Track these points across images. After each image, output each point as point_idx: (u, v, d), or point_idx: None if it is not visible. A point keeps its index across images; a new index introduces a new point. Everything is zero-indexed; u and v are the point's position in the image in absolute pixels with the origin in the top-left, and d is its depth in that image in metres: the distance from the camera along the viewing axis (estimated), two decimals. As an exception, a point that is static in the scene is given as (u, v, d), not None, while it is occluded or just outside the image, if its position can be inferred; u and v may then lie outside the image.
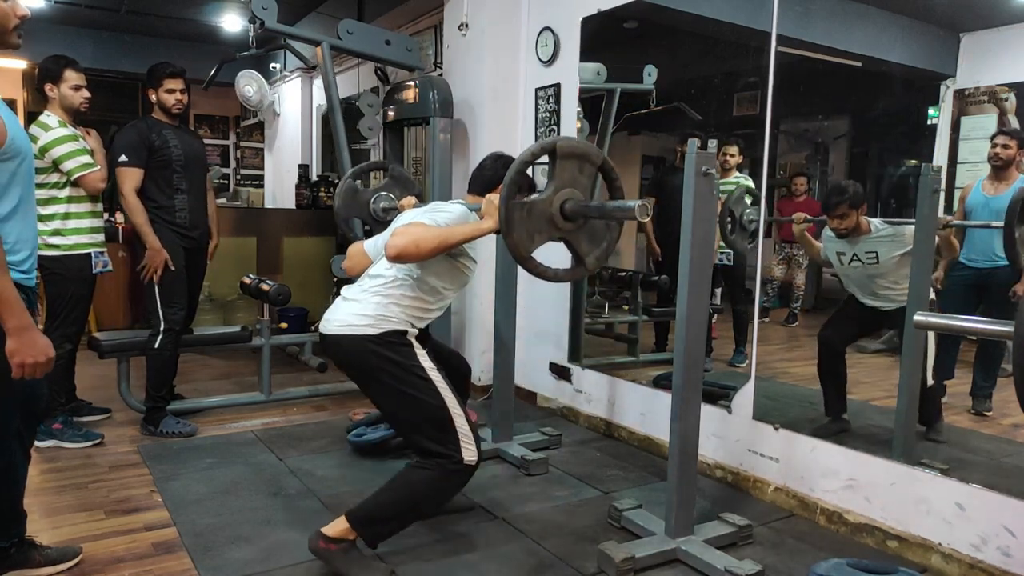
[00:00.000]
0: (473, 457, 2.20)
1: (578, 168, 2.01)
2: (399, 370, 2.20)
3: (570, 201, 1.98)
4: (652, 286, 4.63)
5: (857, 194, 3.11)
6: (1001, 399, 3.17)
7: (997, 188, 3.03)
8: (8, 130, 1.83)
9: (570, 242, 2.07)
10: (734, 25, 3.54)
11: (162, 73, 3.52)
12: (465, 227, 2.17)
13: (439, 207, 2.36)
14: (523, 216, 1.93)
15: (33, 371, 1.81)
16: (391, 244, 2.11)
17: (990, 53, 3.08)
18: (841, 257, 3.21)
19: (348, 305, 2.29)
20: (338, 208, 3.19)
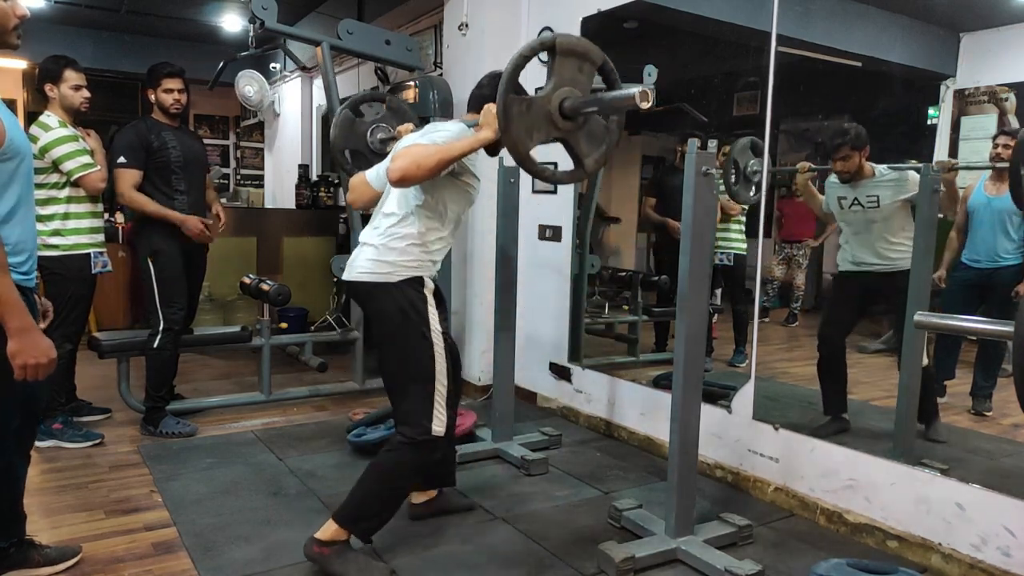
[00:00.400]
0: (441, 428, 2.25)
1: (578, 67, 1.97)
2: (407, 320, 2.24)
3: (569, 99, 1.94)
4: (652, 286, 4.64)
5: (859, 136, 3.04)
6: (1001, 399, 3.17)
7: (999, 188, 3.03)
8: (7, 130, 1.83)
9: (569, 142, 2.03)
10: (734, 25, 3.54)
11: (160, 73, 3.52)
12: (464, 140, 2.17)
13: (437, 127, 2.35)
14: (522, 111, 1.89)
15: (35, 372, 1.81)
16: (393, 168, 2.11)
17: (990, 53, 3.08)
18: (842, 201, 3.15)
19: (366, 251, 2.30)
20: (334, 139, 3.16)
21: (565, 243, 4.05)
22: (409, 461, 2.27)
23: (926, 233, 2.74)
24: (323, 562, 2.23)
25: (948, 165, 2.88)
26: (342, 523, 2.23)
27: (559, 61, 1.93)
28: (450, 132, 2.26)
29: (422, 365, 2.24)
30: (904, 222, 2.97)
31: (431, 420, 2.23)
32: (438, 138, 2.23)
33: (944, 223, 3.13)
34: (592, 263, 4.16)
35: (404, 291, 2.25)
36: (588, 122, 2.02)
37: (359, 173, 2.62)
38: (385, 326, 2.30)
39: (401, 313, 2.24)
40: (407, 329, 2.24)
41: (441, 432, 2.25)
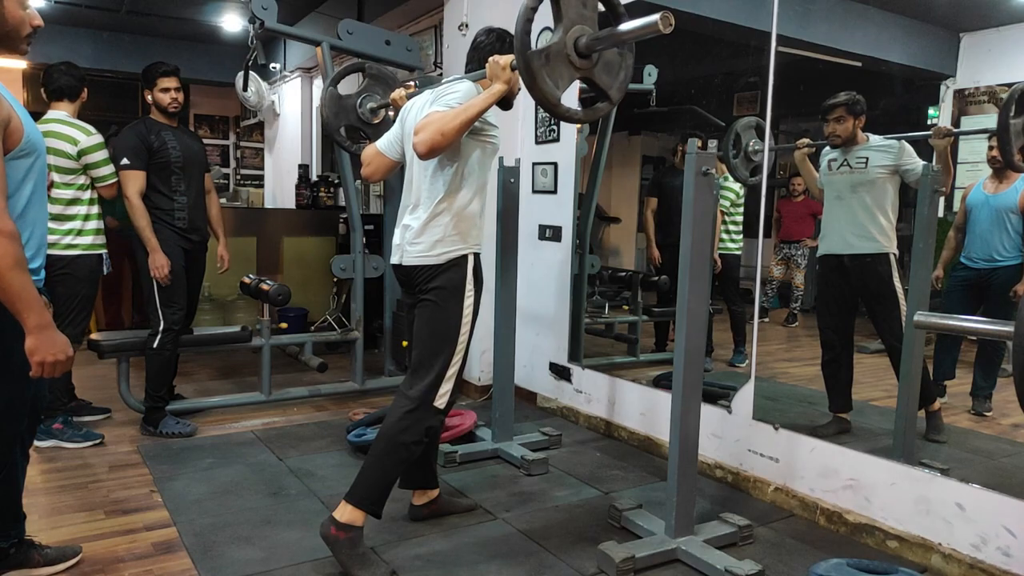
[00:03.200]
0: (442, 403, 2.35)
1: (581, 2, 1.98)
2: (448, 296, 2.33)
3: (583, 37, 1.96)
4: (652, 286, 4.64)
5: (856, 102, 3.04)
6: (1001, 399, 3.17)
7: (997, 187, 3.04)
8: (24, 127, 1.86)
9: (590, 79, 2.04)
10: (734, 25, 3.54)
11: (155, 73, 3.51)
12: (479, 98, 2.20)
13: (445, 90, 2.35)
14: (543, 64, 1.91)
15: (52, 370, 1.82)
16: (418, 142, 2.14)
17: (990, 53, 3.08)
18: (832, 163, 3.14)
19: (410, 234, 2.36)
20: (327, 119, 3.17)
21: (565, 243, 4.05)
22: (415, 430, 2.32)
23: (926, 233, 2.73)
24: (335, 546, 2.24)
25: (943, 131, 2.86)
26: (356, 502, 2.27)
27: (563, 2, 1.94)
28: (460, 92, 2.28)
29: (444, 341, 2.34)
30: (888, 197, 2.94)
31: (436, 392, 2.33)
32: (451, 100, 2.24)
33: (943, 223, 3.14)
34: (592, 263, 4.16)
35: (448, 271, 2.34)
36: (603, 55, 2.02)
37: (369, 145, 2.63)
38: (428, 305, 2.36)
39: (444, 292, 2.33)
40: (446, 304, 2.33)
41: (442, 406, 2.35)
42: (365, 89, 3.20)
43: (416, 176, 2.40)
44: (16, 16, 1.87)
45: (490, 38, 2.52)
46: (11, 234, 1.73)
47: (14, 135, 1.82)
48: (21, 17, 1.89)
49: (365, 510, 2.28)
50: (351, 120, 3.17)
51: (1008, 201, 3.01)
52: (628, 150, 5.41)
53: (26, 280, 1.76)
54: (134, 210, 3.42)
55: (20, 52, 1.95)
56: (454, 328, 2.35)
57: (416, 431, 2.32)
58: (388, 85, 3.24)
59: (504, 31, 2.54)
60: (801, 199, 4.63)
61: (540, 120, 4.18)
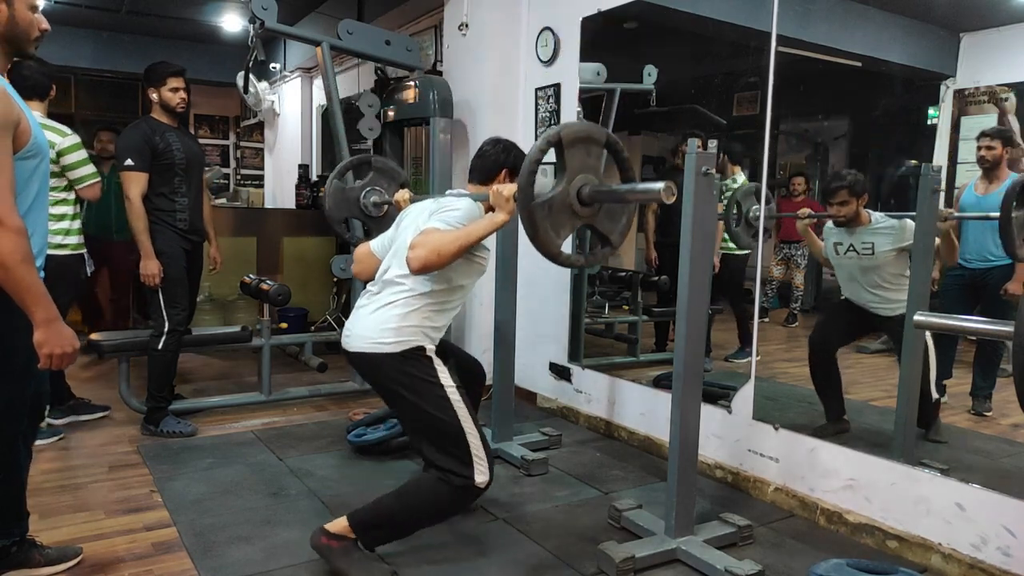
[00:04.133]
0: (484, 478, 2.19)
1: (586, 152, 2.00)
2: (420, 385, 2.21)
3: (586, 186, 1.97)
4: (652, 286, 4.63)
5: (858, 182, 3.08)
6: (1001, 399, 3.17)
7: (987, 188, 3.04)
8: (32, 129, 1.88)
9: (592, 225, 2.06)
10: (734, 25, 3.54)
11: (165, 72, 3.50)
12: (480, 225, 2.17)
13: (446, 204, 2.32)
14: (545, 214, 1.93)
15: (60, 362, 1.85)
16: (413, 257, 2.11)
17: (990, 53, 3.08)
18: (838, 247, 3.19)
19: (369, 320, 2.26)
20: (330, 210, 3.18)
21: (565, 243, 4.03)
22: (445, 501, 2.22)
23: (926, 233, 2.73)
24: (327, 555, 2.23)
25: (944, 215, 2.89)
26: (354, 526, 2.22)
27: (567, 153, 1.96)
28: (461, 212, 2.25)
29: (448, 425, 2.20)
30: (899, 269, 2.99)
31: (472, 470, 2.18)
32: (450, 218, 2.21)
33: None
34: (592, 263, 4.15)
35: (408, 360, 2.21)
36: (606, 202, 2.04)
37: (363, 244, 2.61)
38: (398, 396, 2.25)
39: (411, 379, 2.21)
40: (422, 395, 2.21)
41: (484, 481, 2.19)
42: (370, 182, 3.21)
43: (392, 267, 2.32)
44: (26, 18, 1.92)
45: (496, 150, 2.46)
46: (20, 230, 1.77)
47: (23, 136, 1.85)
48: (30, 20, 1.93)
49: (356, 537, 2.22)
50: (353, 212, 3.19)
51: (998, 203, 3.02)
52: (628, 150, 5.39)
53: (34, 275, 1.80)
54: (134, 212, 3.39)
55: (28, 55, 2.00)
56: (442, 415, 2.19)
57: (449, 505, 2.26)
58: (393, 179, 3.24)
59: (510, 144, 2.49)
60: (801, 199, 4.62)
61: (540, 120, 4.19)
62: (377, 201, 3.16)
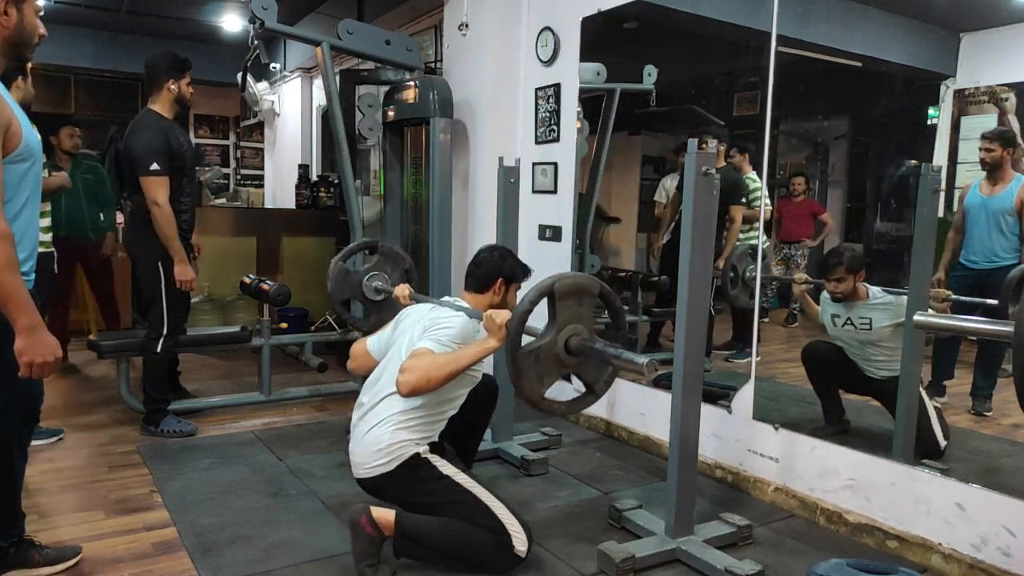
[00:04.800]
0: (523, 548, 2.23)
1: (577, 303, 2.05)
2: (427, 485, 2.27)
3: (574, 337, 2.01)
4: (652, 286, 4.63)
5: (855, 259, 3.12)
6: (1001, 399, 3.17)
7: (993, 189, 3.04)
8: (23, 131, 1.87)
9: (578, 374, 2.10)
10: (734, 25, 3.54)
11: (185, 65, 3.46)
12: (471, 350, 2.22)
13: (440, 321, 2.34)
14: (531, 363, 1.97)
15: (41, 371, 1.83)
16: (403, 382, 2.16)
17: (990, 53, 3.08)
18: (835, 319, 3.21)
19: (363, 445, 2.31)
20: (331, 291, 3.18)
21: (565, 243, 4.05)
22: (484, 553, 2.24)
23: (924, 234, 2.73)
24: (357, 533, 2.21)
25: (942, 296, 2.91)
26: (398, 526, 2.23)
27: (559, 303, 2.01)
28: (455, 330, 2.29)
29: (470, 507, 2.24)
30: (896, 342, 2.99)
31: (510, 538, 2.21)
32: (442, 336, 2.26)
33: (943, 222, 3.13)
34: (592, 263, 4.15)
35: (406, 471, 2.27)
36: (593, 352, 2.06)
37: (359, 341, 2.65)
38: (414, 504, 2.29)
39: (416, 484, 2.27)
40: (432, 492, 2.26)
41: (524, 550, 2.22)
42: (374, 267, 3.22)
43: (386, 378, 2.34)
44: (32, 24, 1.95)
45: (492, 257, 2.51)
46: (6, 236, 1.76)
47: (13, 139, 1.84)
48: (35, 25, 1.96)
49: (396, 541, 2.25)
50: (355, 295, 3.20)
51: (1003, 203, 3.02)
52: (628, 150, 5.40)
53: (18, 281, 1.78)
54: (165, 217, 3.31)
55: (25, 59, 2.03)
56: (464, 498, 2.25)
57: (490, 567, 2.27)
58: (397, 264, 3.25)
59: (507, 252, 2.55)
60: (801, 199, 4.62)
61: (540, 120, 4.19)
62: (379, 287, 3.19)
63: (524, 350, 1.97)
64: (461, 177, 4.45)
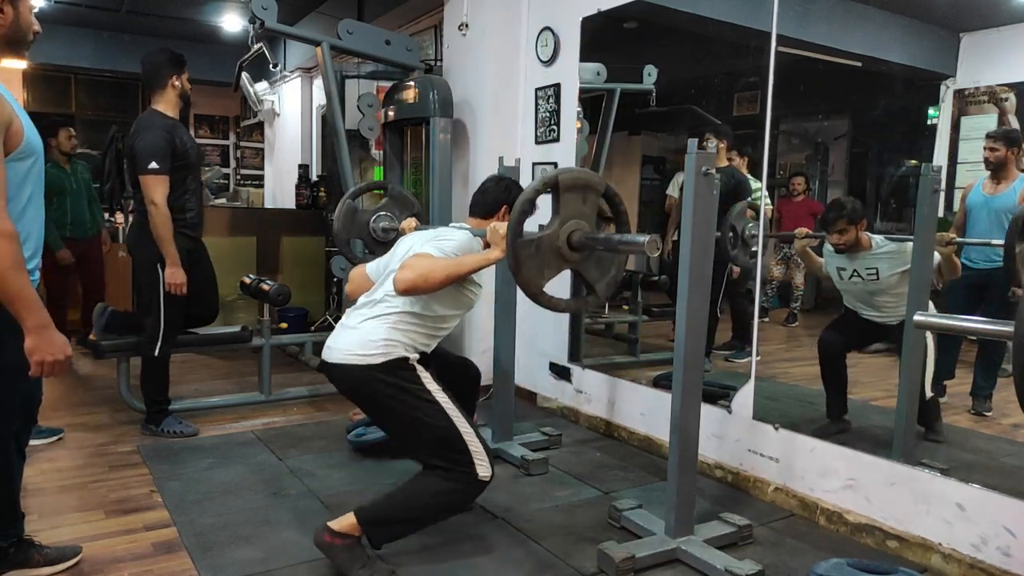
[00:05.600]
0: (487, 473, 2.22)
1: (582, 199, 2.01)
2: (404, 395, 2.22)
3: (577, 232, 1.98)
4: (652, 286, 4.63)
5: (856, 210, 3.10)
6: (1001, 399, 3.17)
7: (996, 188, 3.04)
8: (24, 129, 1.88)
9: (579, 271, 2.07)
10: (734, 25, 3.54)
11: (183, 59, 3.46)
12: (473, 257, 2.19)
13: (443, 234, 2.35)
14: (531, 253, 1.94)
15: (51, 369, 1.83)
16: (400, 279, 2.13)
17: (990, 53, 3.08)
18: (841, 272, 3.20)
19: (351, 334, 2.27)
20: (338, 230, 3.17)
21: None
22: (455, 497, 2.26)
23: (925, 233, 2.73)
24: (330, 552, 2.22)
25: (946, 239, 2.89)
26: (362, 522, 2.21)
27: (563, 197, 1.97)
28: (457, 242, 2.28)
29: (440, 428, 2.22)
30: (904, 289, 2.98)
31: (474, 467, 2.21)
32: (446, 247, 2.24)
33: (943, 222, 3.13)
34: (592, 263, 4.14)
35: (388, 371, 2.22)
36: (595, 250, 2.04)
37: (359, 265, 2.63)
38: (383, 408, 2.26)
39: (394, 389, 2.21)
40: (408, 403, 2.22)
41: (487, 475, 2.23)
42: (382, 208, 3.21)
43: (381, 289, 2.33)
44: (27, 21, 1.96)
45: (497, 188, 2.51)
46: (11, 235, 1.76)
47: (15, 137, 1.85)
48: (30, 22, 1.98)
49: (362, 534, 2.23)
50: (362, 235, 3.19)
51: (1007, 202, 3.01)
52: (628, 150, 5.40)
53: (25, 281, 1.78)
54: (161, 217, 3.31)
55: (20, 56, 2.05)
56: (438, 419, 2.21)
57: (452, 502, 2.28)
58: (404, 207, 3.25)
59: (512, 182, 2.54)
60: (801, 199, 4.62)
61: (540, 120, 4.19)
62: (387, 227, 3.17)
63: (525, 240, 1.93)
64: (461, 177, 4.44)
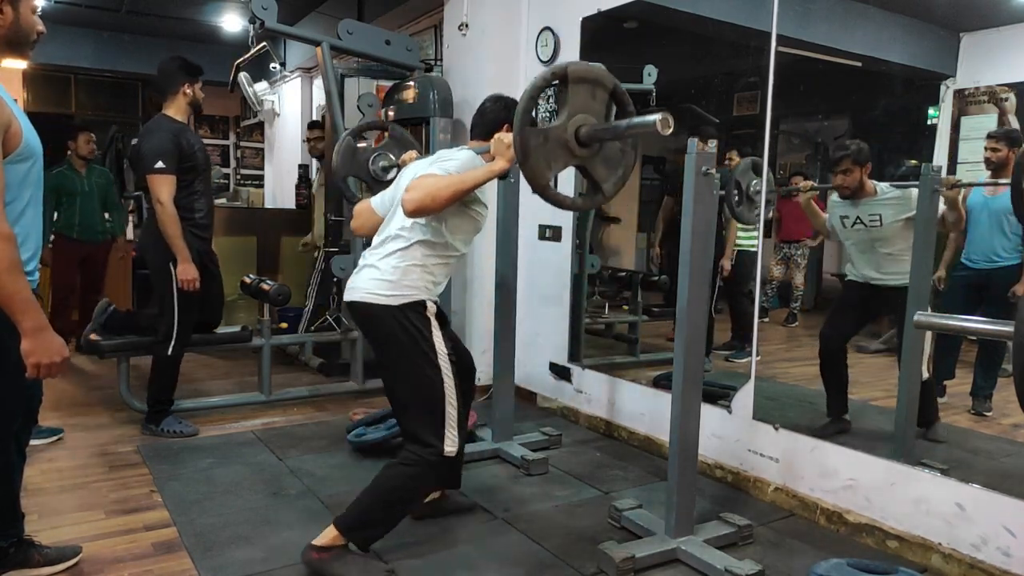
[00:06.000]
0: (453, 448, 2.23)
1: (590, 94, 1.96)
2: (413, 345, 2.23)
3: (584, 126, 1.93)
4: (652, 286, 4.63)
5: (861, 151, 3.03)
6: (1001, 399, 3.17)
7: (995, 189, 3.04)
8: (23, 131, 1.88)
9: (586, 168, 2.02)
10: (734, 25, 3.54)
11: (199, 70, 3.49)
12: (477, 171, 2.16)
13: (445, 155, 2.32)
14: (540, 143, 1.89)
15: (48, 372, 1.82)
16: (407, 199, 2.11)
17: (990, 53, 3.08)
18: (844, 220, 3.14)
19: (370, 272, 2.29)
20: (336, 166, 3.13)
21: (565, 243, 4.05)
22: (419, 478, 2.25)
23: (926, 233, 2.73)
24: (322, 567, 2.22)
25: (951, 182, 2.86)
26: (343, 530, 2.22)
27: (571, 89, 1.94)
28: (461, 161, 2.25)
29: (431, 389, 2.22)
30: (907, 240, 2.96)
31: (442, 441, 2.21)
32: (450, 167, 2.22)
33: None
34: (592, 263, 4.16)
35: (407, 314, 2.23)
36: (604, 147, 2.01)
37: (363, 200, 2.60)
38: (390, 349, 2.27)
39: (406, 335, 2.22)
40: (413, 353, 2.22)
41: (453, 451, 2.24)
42: (383, 147, 3.20)
43: (393, 225, 2.33)
44: (28, 22, 1.95)
45: (497, 107, 2.48)
46: (8, 237, 1.76)
47: (14, 139, 1.85)
48: (32, 22, 1.96)
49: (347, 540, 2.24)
50: (360, 173, 3.17)
51: (1006, 203, 3.01)
52: (628, 150, 5.40)
53: (22, 283, 1.78)
54: (168, 216, 3.33)
55: (24, 56, 2.02)
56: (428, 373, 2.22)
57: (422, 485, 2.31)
58: (404, 149, 3.24)
59: (512, 100, 2.50)
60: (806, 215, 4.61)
61: (540, 120, 4.18)
62: (385, 166, 3.14)
63: (534, 128, 1.89)
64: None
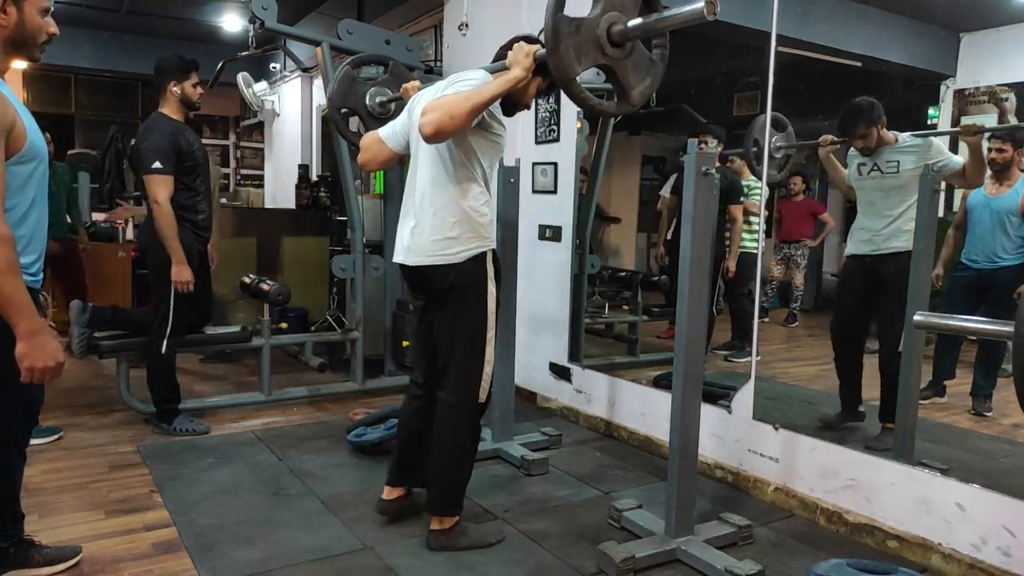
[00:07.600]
0: (484, 396, 2.42)
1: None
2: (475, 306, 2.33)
3: (618, 24, 1.87)
4: (652, 286, 4.63)
5: (873, 108, 3.01)
6: (1001, 399, 3.17)
7: (998, 189, 3.04)
8: (27, 132, 1.87)
9: (615, 71, 1.96)
10: (734, 25, 3.54)
11: (190, 66, 3.45)
12: (493, 83, 2.12)
13: (459, 77, 2.29)
14: (571, 32, 1.81)
15: (42, 375, 1.81)
16: (425, 122, 2.06)
17: (990, 53, 3.08)
18: (861, 168, 3.11)
19: (427, 232, 2.29)
20: (332, 95, 3.08)
21: (565, 243, 4.05)
22: (470, 432, 2.43)
23: (926, 233, 2.73)
24: (452, 544, 2.41)
25: (973, 128, 2.81)
26: (441, 513, 2.40)
27: None
28: (475, 79, 2.21)
29: (478, 344, 2.36)
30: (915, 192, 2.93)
31: (479, 389, 2.38)
32: (463, 87, 2.17)
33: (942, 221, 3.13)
34: (592, 263, 4.16)
35: (470, 269, 2.30)
36: (634, 52, 1.94)
37: (370, 132, 2.56)
38: (450, 308, 2.35)
39: (471, 300, 2.32)
40: (469, 317, 2.33)
41: (485, 398, 2.42)
42: (381, 83, 3.15)
43: (422, 173, 2.33)
44: (35, 23, 1.91)
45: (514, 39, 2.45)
46: (6, 239, 1.75)
47: (18, 140, 1.84)
48: (39, 24, 1.92)
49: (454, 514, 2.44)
50: (356, 106, 3.10)
51: (1009, 203, 3.01)
52: (628, 150, 5.41)
53: (18, 285, 1.76)
54: (164, 216, 3.32)
55: (33, 59, 1.98)
56: (483, 325, 2.36)
57: (474, 431, 2.43)
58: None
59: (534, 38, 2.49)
60: (801, 199, 4.62)
61: (540, 120, 4.19)
62: (383, 100, 3.09)
63: (567, 16, 1.82)
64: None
